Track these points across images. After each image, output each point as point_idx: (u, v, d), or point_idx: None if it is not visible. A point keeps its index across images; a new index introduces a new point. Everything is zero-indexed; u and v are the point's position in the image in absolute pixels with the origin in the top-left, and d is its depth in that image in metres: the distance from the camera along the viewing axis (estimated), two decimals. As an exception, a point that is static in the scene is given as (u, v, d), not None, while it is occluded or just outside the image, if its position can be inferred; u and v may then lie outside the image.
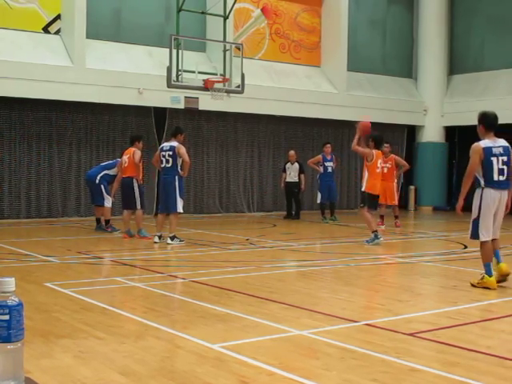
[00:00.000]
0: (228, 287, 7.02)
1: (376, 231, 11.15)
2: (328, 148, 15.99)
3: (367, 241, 11.12)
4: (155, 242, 11.04)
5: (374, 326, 5.28)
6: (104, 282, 7.48)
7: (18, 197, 15.16)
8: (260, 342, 4.77)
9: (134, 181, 11.84)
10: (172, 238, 10.91)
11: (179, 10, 13.69)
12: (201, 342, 4.68)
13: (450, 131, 21.40)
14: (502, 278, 7.20)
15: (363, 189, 11.47)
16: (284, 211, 17.42)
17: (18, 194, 15.17)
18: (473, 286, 7.15)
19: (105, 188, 12.71)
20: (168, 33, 14.86)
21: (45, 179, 15.47)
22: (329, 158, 16.00)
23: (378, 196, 11.58)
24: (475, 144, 7.37)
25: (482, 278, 7.10)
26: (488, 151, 7.19)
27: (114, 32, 16.36)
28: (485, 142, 7.28)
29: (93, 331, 5.01)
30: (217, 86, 13.90)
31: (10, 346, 2.00)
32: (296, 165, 16.55)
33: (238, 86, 14.13)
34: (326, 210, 15.98)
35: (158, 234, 11.17)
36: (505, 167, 7.16)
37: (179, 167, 11.06)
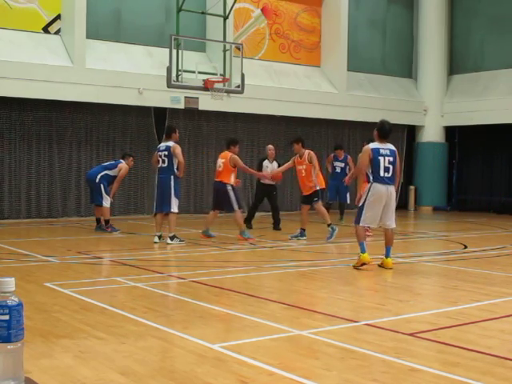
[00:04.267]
0: (228, 287, 7.02)
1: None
2: (338, 152, 15.77)
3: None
4: (155, 242, 11.04)
5: (374, 326, 5.28)
6: (104, 282, 7.49)
7: (18, 197, 15.16)
8: (260, 341, 4.76)
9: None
10: (172, 238, 10.91)
11: (179, 10, 13.68)
12: (201, 342, 4.68)
13: (450, 131, 21.39)
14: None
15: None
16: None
17: (18, 193, 15.16)
18: (355, 267, 8.34)
19: (104, 188, 12.71)
20: (168, 33, 14.86)
21: (45, 179, 15.46)
22: (340, 158, 15.82)
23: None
24: (365, 146, 8.70)
25: (359, 257, 8.33)
26: (376, 151, 8.42)
27: (114, 32, 16.36)
28: (374, 144, 8.54)
29: (93, 331, 5.01)
30: (217, 86, 13.89)
31: (10, 346, 1.99)
32: (275, 164, 13.94)
33: (238, 86, 14.13)
34: (330, 209, 15.90)
35: (158, 233, 11.16)
36: (390, 166, 8.43)
37: (175, 167, 11.06)
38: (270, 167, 13.84)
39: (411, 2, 21.72)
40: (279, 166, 13.72)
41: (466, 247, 10.96)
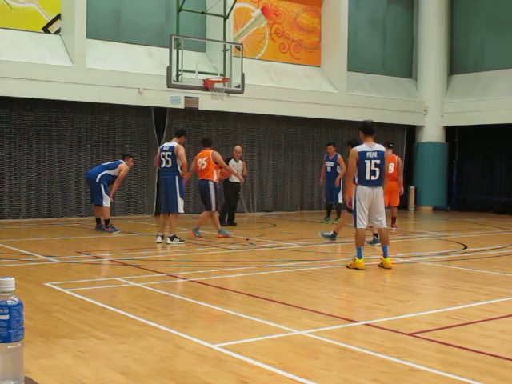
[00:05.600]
0: (228, 287, 7.02)
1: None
2: (329, 149, 15.72)
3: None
4: (158, 242, 11.04)
5: (374, 326, 5.28)
6: (104, 282, 7.49)
7: (18, 197, 15.16)
8: (260, 341, 4.77)
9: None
10: (172, 238, 10.91)
11: (179, 10, 13.69)
12: (201, 342, 4.68)
13: (450, 131, 21.40)
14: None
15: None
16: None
17: (18, 193, 15.16)
18: (347, 267, 8.42)
19: (104, 188, 12.71)
20: (168, 33, 14.88)
21: (45, 179, 15.47)
22: (331, 157, 15.77)
23: None
24: (353, 149, 8.58)
25: (354, 260, 8.39)
26: (363, 155, 8.40)
27: (114, 32, 16.36)
28: (361, 147, 8.48)
29: (93, 331, 5.01)
30: (217, 85, 13.90)
31: (9, 346, 1.99)
32: (241, 162, 14.56)
33: (238, 86, 14.14)
34: (331, 209, 15.89)
35: (161, 234, 11.16)
36: (377, 169, 8.38)
37: (179, 167, 11.04)
38: (236, 166, 14.38)
39: (411, 1, 21.72)
40: (246, 164, 14.88)
41: (465, 247, 10.96)
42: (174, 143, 11.16)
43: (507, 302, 6.43)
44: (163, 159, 11.09)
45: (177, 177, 10.99)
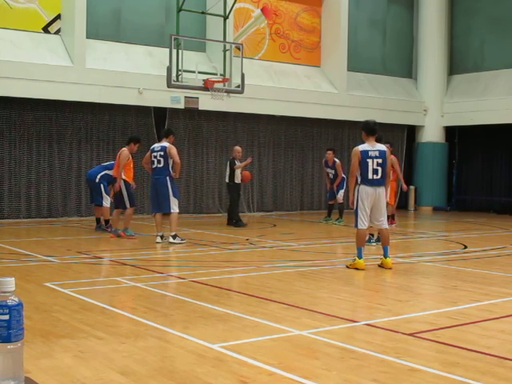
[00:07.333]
0: (228, 287, 7.01)
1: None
2: (328, 155, 15.44)
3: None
4: (157, 242, 11.04)
5: (374, 326, 5.28)
6: (104, 282, 7.48)
7: (18, 197, 15.16)
8: (260, 341, 4.76)
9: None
10: (174, 237, 10.93)
11: (179, 10, 13.69)
12: (201, 342, 4.68)
13: (450, 131, 21.40)
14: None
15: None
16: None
17: (18, 193, 15.16)
18: (347, 267, 8.43)
19: (104, 188, 12.72)
20: (168, 33, 14.88)
21: (45, 179, 15.47)
22: (330, 164, 15.61)
23: None
24: (354, 148, 8.61)
25: (354, 260, 8.39)
26: (365, 154, 8.40)
27: (114, 32, 16.36)
28: (363, 146, 8.49)
29: (93, 331, 5.01)
30: (217, 85, 13.90)
31: (9, 346, 1.99)
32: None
33: (238, 86, 14.14)
34: (332, 210, 15.85)
35: (160, 233, 11.16)
36: (379, 168, 8.38)
37: (170, 167, 11.06)
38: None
39: (411, 1, 21.72)
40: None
41: (465, 247, 10.96)
42: (165, 143, 11.21)
43: (507, 302, 6.43)
44: (155, 159, 11.14)
45: (168, 177, 11.02)
